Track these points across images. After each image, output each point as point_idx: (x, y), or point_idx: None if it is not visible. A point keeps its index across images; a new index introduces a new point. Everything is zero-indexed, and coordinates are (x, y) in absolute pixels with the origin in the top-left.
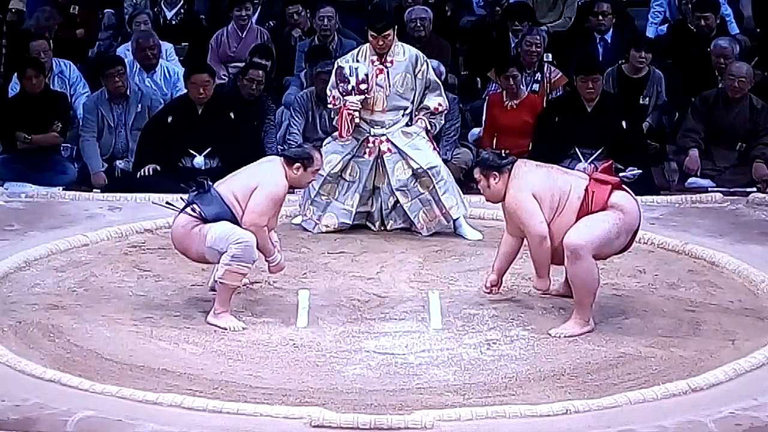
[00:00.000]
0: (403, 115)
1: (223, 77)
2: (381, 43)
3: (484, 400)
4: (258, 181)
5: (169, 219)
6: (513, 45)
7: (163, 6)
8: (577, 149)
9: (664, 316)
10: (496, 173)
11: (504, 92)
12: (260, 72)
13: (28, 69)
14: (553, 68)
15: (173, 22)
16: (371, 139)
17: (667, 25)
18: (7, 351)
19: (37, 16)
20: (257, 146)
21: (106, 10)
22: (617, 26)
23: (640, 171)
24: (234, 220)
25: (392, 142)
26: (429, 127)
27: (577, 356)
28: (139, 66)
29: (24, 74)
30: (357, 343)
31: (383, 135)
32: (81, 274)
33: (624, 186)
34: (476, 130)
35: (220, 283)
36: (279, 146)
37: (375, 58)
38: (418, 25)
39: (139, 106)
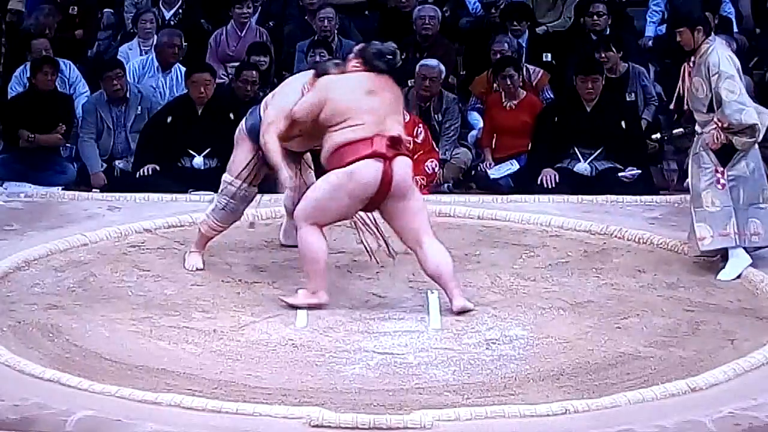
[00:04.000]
0: None
1: (222, 77)
2: None
3: (483, 400)
4: (276, 91)
5: (169, 219)
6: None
7: (161, 6)
8: (576, 149)
9: (663, 316)
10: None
11: (502, 93)
12: (254, 72)
13: (44, 65)
14: (533, 69)
15: (172, 23)
16: None
17: (666, 25)
18: (6, 351)
19: (36, 15)
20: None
21: (105, 10)
22: (616, 26)
23: (639, 171)
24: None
25: None
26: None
27: (576, 356)
28: (157, 64)
29: (40, 69)
30: (356, 342)
31: None
32: (80, 274)
33: (402, 155)
34: (474, 131)
35: (199, 226)
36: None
37: None
38: (427, 23)
39: (139, 108)
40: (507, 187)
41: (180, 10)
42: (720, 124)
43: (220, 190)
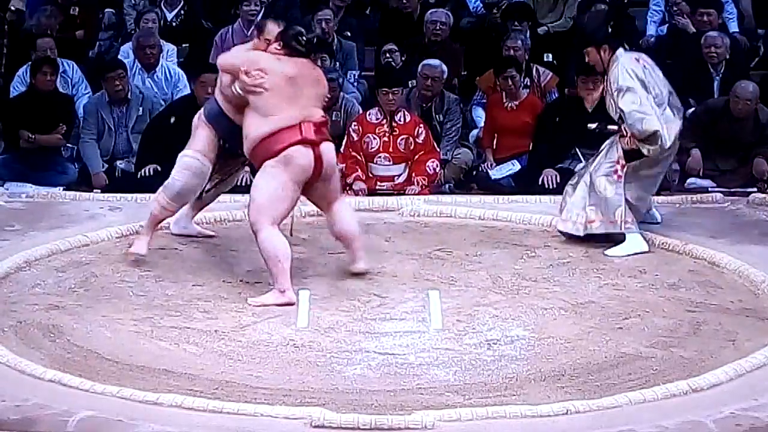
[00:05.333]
0: None
1: None
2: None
3: (484, 400)
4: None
5: (170, 220)
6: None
7: (163, 7)
8: (577, 149)
9: (664, 317)
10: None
11: (503, 93)
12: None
13: (44, 65)
14: (542, 70)
15: (173, 24)
16: None
17: (667, 25)
18: (7, 351)
19: (38, 16)
20: None
21: (106, 10)
22: (615, 27)
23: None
24: (221, 114)
25: None
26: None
27: (578, 356)
28: (140, 65)
29: (39, 70)
30: (357, 343)
31: None
32: (81, 275)
33: (326, 140)
34: (476, 131)
35: (151, 208)
36: None
37: None
38: (437, 28)
39: (140, 109)
40: (508, 187)
41: (182, 11)
42: (626, 134)
43: (176, 166)
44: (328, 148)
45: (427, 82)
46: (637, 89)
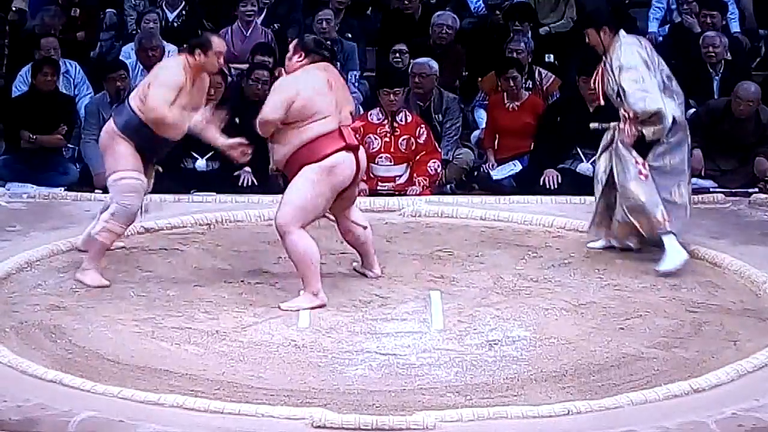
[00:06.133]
0: None
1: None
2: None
3: (485, 400)
4: (152, 76)
5: (172, 220)
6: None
7: (164, 8)
8: (578, 149)
9: (665, 317)
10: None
11: (504, 94)
12: (265, 72)
13: (44, 66)
14: (545, 73)
15: (175, 24)
16: None
17: (668, 25)
18: (8, 352)
19: (41, 16)
20: (260, 149)
21: (107, 10)
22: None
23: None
24: (141, 125)
25: None
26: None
27: (579, 357)
28: (141, 66)
29: (40, 70)
30: (359, 343)
31: None
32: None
33: (359, 146)
34: (477, 131)
35: (95, 237)
36: None
37: None
38: (444, 31)
39: None
40: (509, 187)
41: (183, 12)
42: (628, 115)
43: (113, 193)
44: (362, 153)
45: (416, 80)
46: (639, 68)
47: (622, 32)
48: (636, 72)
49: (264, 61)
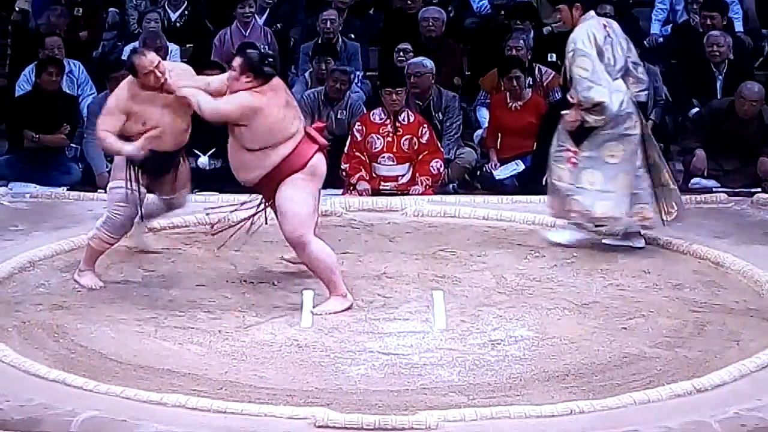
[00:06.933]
0: None
1: None
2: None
3: (488, 400)
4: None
5: (174, 219)
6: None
7: (167, 8)
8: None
9: (668, 317)
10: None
11: (507, 93)
12: None
13: (49, 66)
14: (545, 69)
15: (177, 24)
16: None
17: (670, 25)
18: (11, 351)
19: (48, 15)
20: None
21: (109, 10)
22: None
23: None
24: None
25: None
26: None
27: (582, 357)
28: None
29: (44, 70)
30: (361, 343)
31: None
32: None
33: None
34: (480, 131)
35: (88, 241)
36: None
37: None
38: (431, 25)
39: None
40: (512, 187)
41: (185, 12)
42: (574, 101)
43: (106, 202)
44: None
45: (411, 80)
46: (591, 55)
47: (590, 13)
48: (587, 60)
49: None
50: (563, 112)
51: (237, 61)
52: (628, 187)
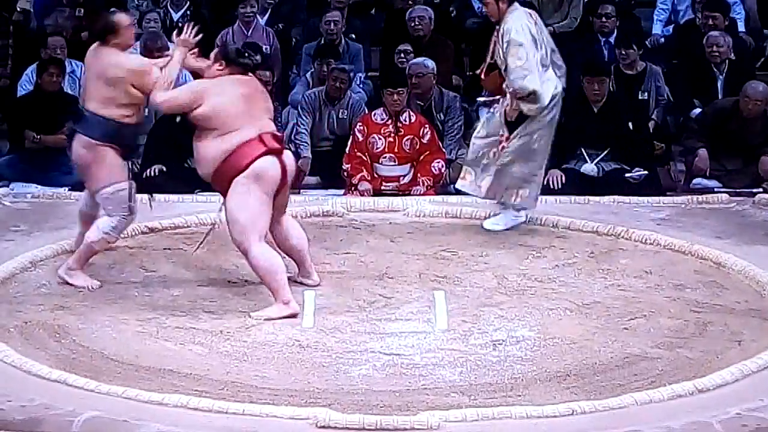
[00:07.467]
0: None
1: None
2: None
3: (490, 400)
4: (113, 73)
5: (175, 219)
6: None
7: (169, 8)
8: (583, 150)
9: (670, 317)
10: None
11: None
12: (267, 73)
13: (50, 66)
14: None
15: (180, 24)
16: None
17: (672, 26)
18: (12, 351)
19: (55, 17)
20: None
21: (111, 10)
22: (623, 27)
23: (646, 172)
24: (121, 126)
25: None
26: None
27: (583, 357)
28: None
29: (46, 70)
30: (363, 343)
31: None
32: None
33: (283, 149)
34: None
35: (91, 243)
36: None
37: None
38: (418, 24)
39: (146, 109)
40: None
41: (188, 11)
42: (508, 90)
43: (112, 206)
44: (289, 157)
45: (412, 80)
46: (526, 45)
47: (516, 4)
48: (522, 49)
49: (255, 60)
50: (479, 100)
51: (215, 51)
52: (542, 170)
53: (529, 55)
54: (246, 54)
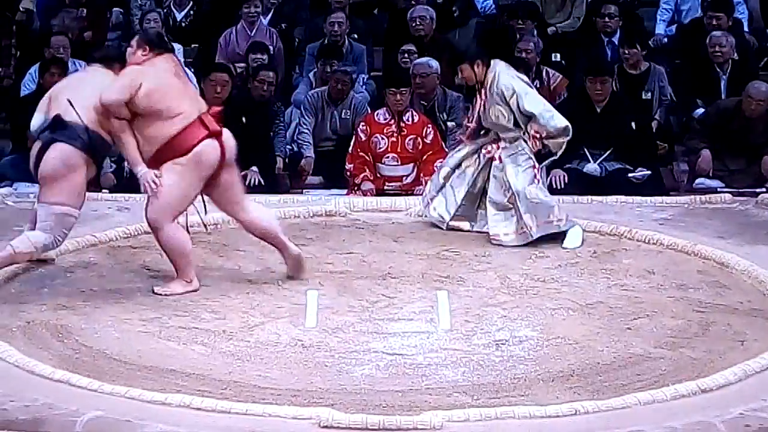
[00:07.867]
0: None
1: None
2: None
3: (492, 400)
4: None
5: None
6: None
7: (172, 7)
8: (586, 150)
9: (673, 317)
10: None
11: None
12: (271, 73)
13: (52, 66)
14: (552, 72)
15: (183, 24)
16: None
17: (675, 26)
18: (15, 351)
19: (62, 17)
20: (267, 149)
21: (114, 9)
22: (626, 27)
23: (649, 172)
24: (103, 140)
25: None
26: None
27: (586, 357)
28: None
29: (47, 70)
30: (366, 343)
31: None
32: (89, 275)
33: (222, 130)
34: None
35: (16, 253)
36: (288, 146)
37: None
38: (418, 24)
39: None
40: None
41: (191, 11)
42: (539, 135)
43: (54, 225)
44: (228, 136)
45: (416, 80)
46: (533, 91)
47: (495, 61)
48: (533, 94)
49: (256, 58)
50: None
51: (135, 38)
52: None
53: (540, 97)
54: (165, 38)
